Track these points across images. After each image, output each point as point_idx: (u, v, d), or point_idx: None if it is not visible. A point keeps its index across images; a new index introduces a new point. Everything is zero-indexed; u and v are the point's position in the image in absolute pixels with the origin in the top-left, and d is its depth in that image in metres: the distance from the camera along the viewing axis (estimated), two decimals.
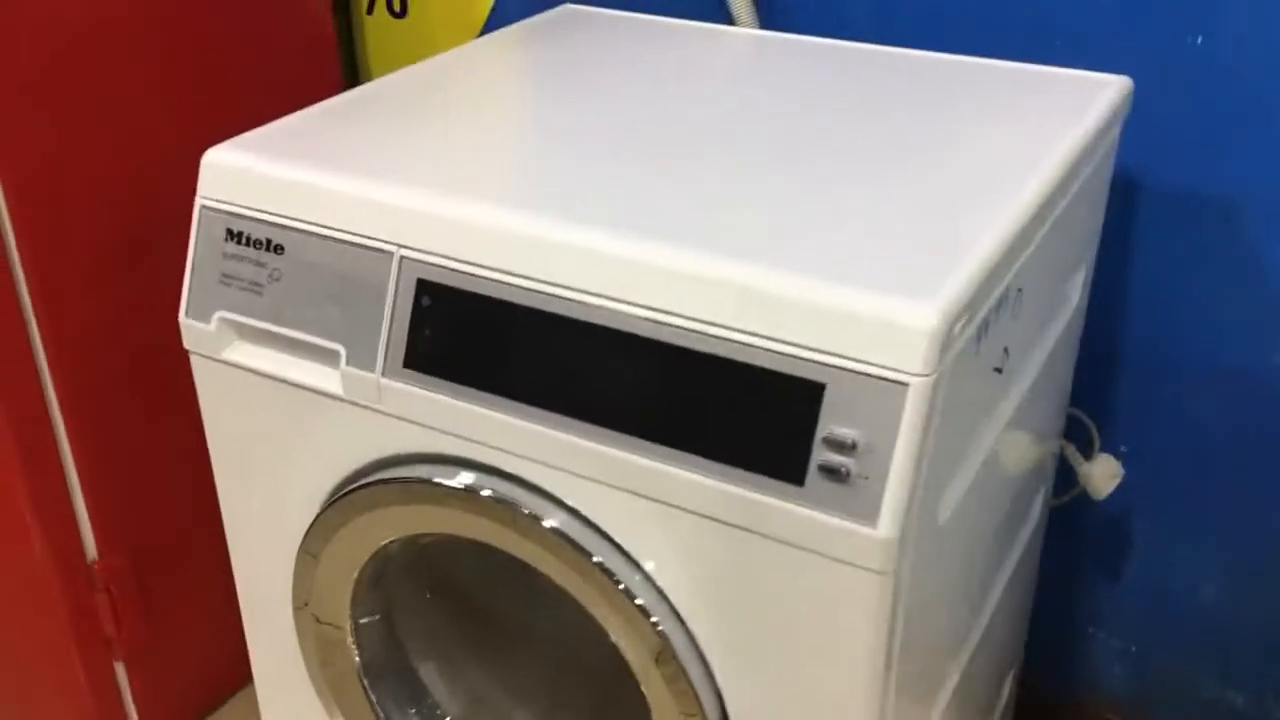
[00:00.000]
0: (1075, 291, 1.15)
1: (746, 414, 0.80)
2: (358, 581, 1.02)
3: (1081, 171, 1.02)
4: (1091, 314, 1.34)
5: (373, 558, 1.00)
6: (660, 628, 0.88)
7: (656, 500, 0.85)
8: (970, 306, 0.79)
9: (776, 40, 1.27)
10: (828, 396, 0.78)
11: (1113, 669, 1.54)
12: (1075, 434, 1.37)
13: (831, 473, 0.78)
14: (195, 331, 1.00)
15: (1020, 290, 0.92)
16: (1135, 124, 1.23)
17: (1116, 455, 1.40)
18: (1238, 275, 1.27)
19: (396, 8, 1.67)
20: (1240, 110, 1.20)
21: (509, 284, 0.87)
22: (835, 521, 0.78)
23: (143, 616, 1.48)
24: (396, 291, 0.91)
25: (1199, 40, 1.19)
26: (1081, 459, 1.31)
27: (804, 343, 0.78)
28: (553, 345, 0.86)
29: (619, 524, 0.88)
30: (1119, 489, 1.42)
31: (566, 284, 0.85)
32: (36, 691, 1.52)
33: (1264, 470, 1.34)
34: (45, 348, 1.30)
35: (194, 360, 1.02)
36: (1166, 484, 1.40)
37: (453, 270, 0.89)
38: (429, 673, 1.08)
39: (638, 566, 0.88)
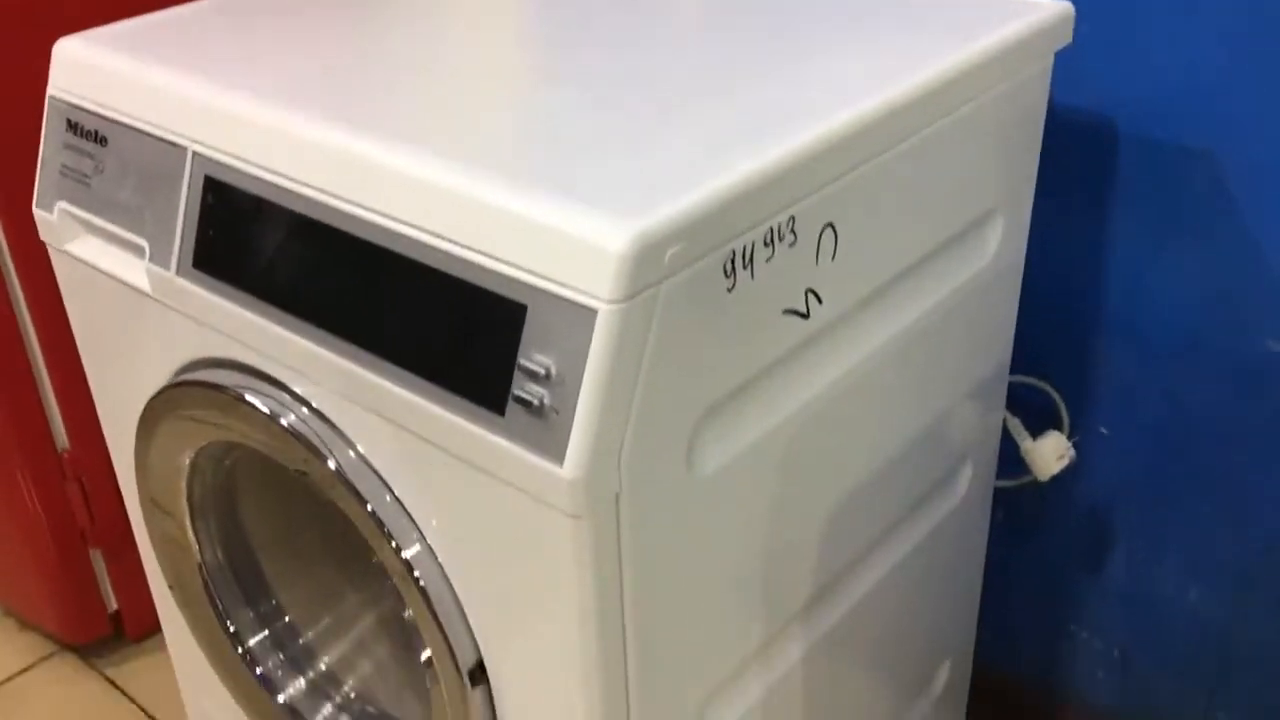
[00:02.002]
0: (989, 243, 1.03)
1: (458, 336, 0.75)
2: (194, 480, 1.02)
3: (960, 102, 0.90)
4: (1066, 281, 1.20)
5: (210, 457, 1.00)
6: (405, 554, 0.85)
7: (386, 418, 0.81)
8: (694, 232, 0.71)
9: None
10: (529, 320, 0.72)
11: (1095, 673, 1.40)
12: (1040, 409, 1.24)
13: (527, 404, 0.72)
14: (44, 222, 1.02)
15: (831, 226, 0.82)
16: (1100, 68, 1.09)
17: (1096, 436, 1.26)
18: (1232, 248, 1.11)
19: None
20: (1231, 61, 1.04)
21: (279, 185, 0.84)
22: (530, 457, 0.73)
23: (116, 506, 1.54)
24: (189, 189, 0.90)
25: None
26: (1026, 434, 1.18)
27: (511, 260, 0.72)
28: (303, 251, 0.83)
29: (363, 436, 0.85)
30: (1100, 475, 1.28)
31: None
32: (16, 582, 1.61)
33: (1257, 469, 1.18)
34: (7, 238, 1.36)
35: (50, 251, 1.05)
36: (1151, 475, 1.25)
37: (236, 170, 0.87)
38: (274, 570, 1.08)
39: (387, 487, 0.85)
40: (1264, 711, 1.28)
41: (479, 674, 0.86)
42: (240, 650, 1.06)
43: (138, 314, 0.98)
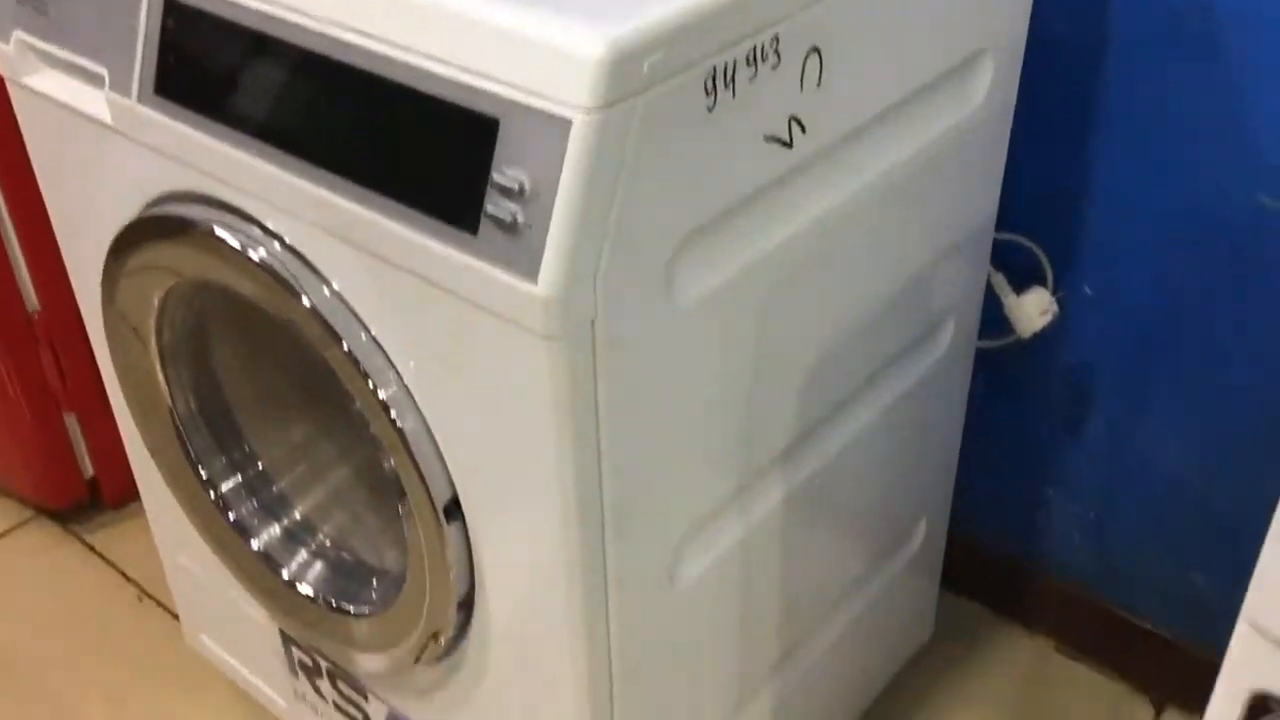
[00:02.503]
0: (979, 86, 1.00)
1: (429, 154, 0.73)
2: (163, 324, 1.00)
3: None
4: (1054, 138, 1.18)
5: (179, 298, 0.98)
6: (381, 394, 0.83)
7: (359, 248, 0.79)
8: (674, 43, 0.68)
9: None
10: (501, 134, 0.69)
11: (1071, 535, 1.41)
12: (1023, 265, 1.22)
13: (500, 221, 0.70)
14: (2, 55, 0.98)
15: (816, 50, 0.79)
16: None
17: (1080, 297, 1.25)
18: (1225, 100, 1.08)
19: None
20: None
21: (240, 3, 0.81)
22: (503, 276, 0.71)
23: (90, 369, 1.51)
24: (148, 11, 0.86)
25: None
26: (1010, 290, 1.17)
27: (482, 71, 0.70)
28: (268, 72, 0.80)
29: (337, 272, 0.83)
30: (1082, 334, 1.27)
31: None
32: None
33: (1242, 328, 1.17)
34: None
35: (9, 89, 1.01)
36: (1134, 333, 1.24)
37: None
38: (246, 417, 1.07)
39: (363, 326, 0.83)
40: (1240, 573, 1.29)
41: (454, 510, 0.85)
42: (213, 496, 1.05)
43: (100, 148, 0.95)
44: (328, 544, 1.05)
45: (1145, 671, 1.40)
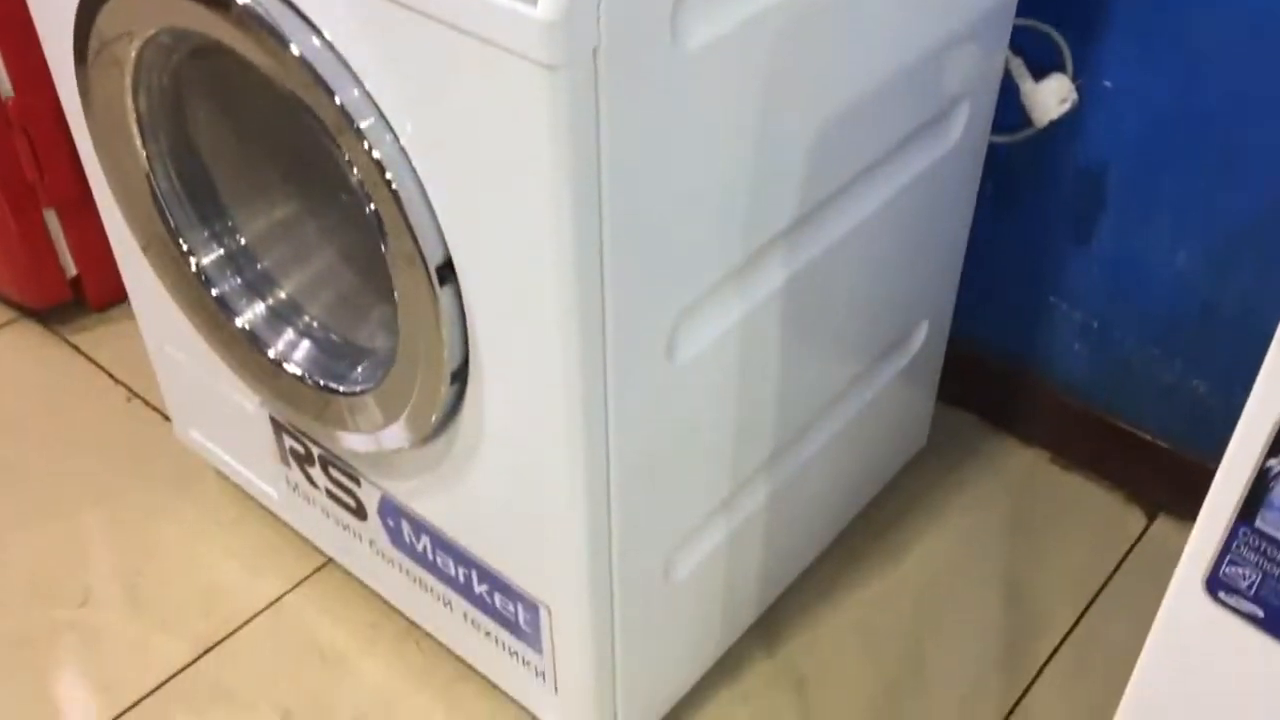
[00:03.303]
0: None
1: None
2: (139, 87, 0.95)
3: None
4: None
5: (157, 53, 0.92)
6: (375, 153, 0.79)
7: None
8: None
9: None
10: None
11: (1071, 345, 1.39)
12: (1041, 54, 1.17)
13: None
14: None
15: None
16: None
17: (1098, 90, 1.20)
18: None
19: None
20: None
21: None
22: (502, 1, 0.66)
23: (68, 163, 1.46)
24: None
25: None
26: (1028, 75, 1.12)
27: None
28: None
29: (325, 17, 0.78)
30: (1096, 132, 1.23)
31: None
32: None
33: (1262, 126, 1.13)
34: None
35: None
36: (1151, 131, 1.20)
37: None
38: (230, 191, 1.02)
39: (356, 80, 0.78)
40: (1242, 377, 1.27)
41: (448, 273, 0.82)
42: (195, 269, 1.02)
43: None
44: (315, 324, 1.02)
45: (1139, 481, 1.40)
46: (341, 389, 0.97)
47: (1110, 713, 0.69)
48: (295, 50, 0.79)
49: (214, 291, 1.02)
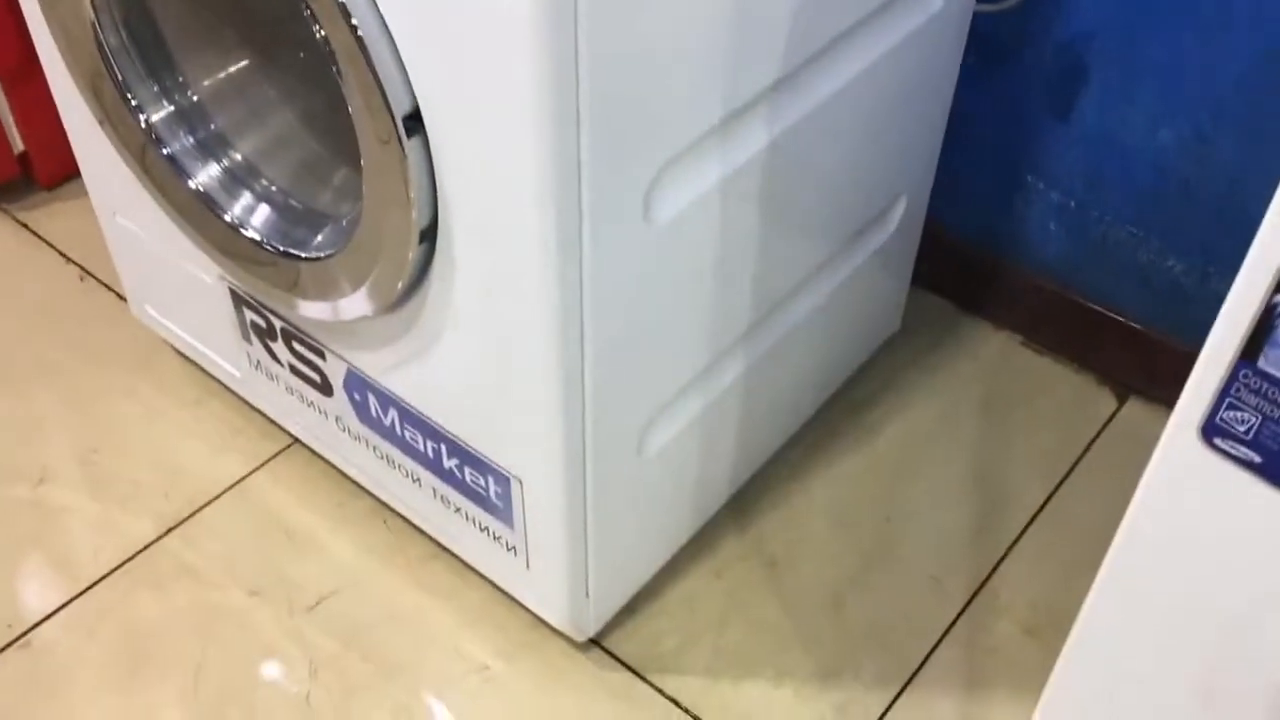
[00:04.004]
0: None
1: None
2: None
3: None
4: None
5: None
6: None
7: None
8: None
9: None
10: None
11: (1047, 225, 1.37)
12: None
13: None
14: None
15: None
16: None
17: None
18: None
19: None
20: None
21: None
22: None
23: (13, 30, 1.39)
24: None
25: None
26: None
27: None
28: None
29: None
30: (1081, 5, 1.19)
31: None
32: None
33: (1247, 11, 1.10)
34: None
35: None
36: (1133, 4, 1.17)
37: None
38: (181, 46, 0.97)
39: None
40: (1219, 257, 1.26)
41: (415, 124, 0.78)
42: (144, 126, 0.97)
43: None
44: (273, 189, 0.98)
45: (1111, 363, 1.40)
46: (303, 255, 0.94)
47: (1079, 587, 0.68)
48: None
49: (165, 151, 0.97)
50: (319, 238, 0.94)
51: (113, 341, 1.38)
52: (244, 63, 0.99)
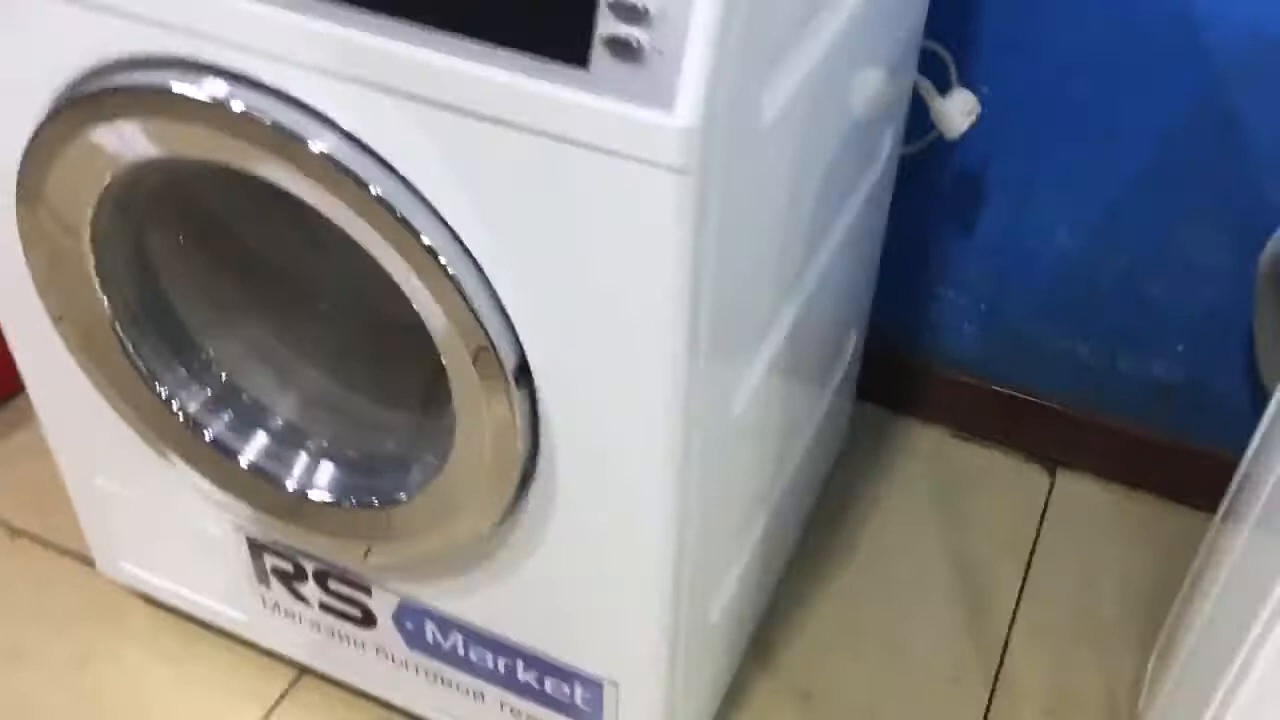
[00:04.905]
0: None
1: None
2: (96, 222, 0.86)
3: None
4: None
5: (112, 194, 0.84)
6: (451, 271, 0.75)
7: (418, 98, 0.70)
8: None
9: None
10: None
11: (961, 327, 1.49)
12: (930, 71, 1.25)
13: (620, 46, 0.64)
14: None
15: None
16: None
17: (979, 96, 1.29)
18: None
19: None
20: None
21: None
22: (625, 109, 0.65)
23: None
24: None
25: None
26: (936, 94, 1.19)
27: None
28: None
29: (385, 131, 0.74)
30: (977, 134, 1.32)
31: None
32: None
33: (1129, 108, 1.25)
34: None
35: None
36: (1027, 126, 1.31)
37: None
38: (197, 324, 0.95)
39: (408, 187, 0.75)
40: (1125, 339, 1.41)
41: (523, 374, 0.80)
42: (181, 416, 0.93)
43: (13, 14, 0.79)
44: (325, 444, 0.96)
45: (1037, 440, 1.53)
46: (376, 502, 0.93)
47: (1080, 662, 0.75)
48: (317, 147, 0.74)
49: (208, 436, 0.94)
50: (391, 481, 0.93)
51: (69, 602, 1.29)
52: (260, 325, 0.98)
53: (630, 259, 0.72)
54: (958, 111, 1.19)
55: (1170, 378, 1.41)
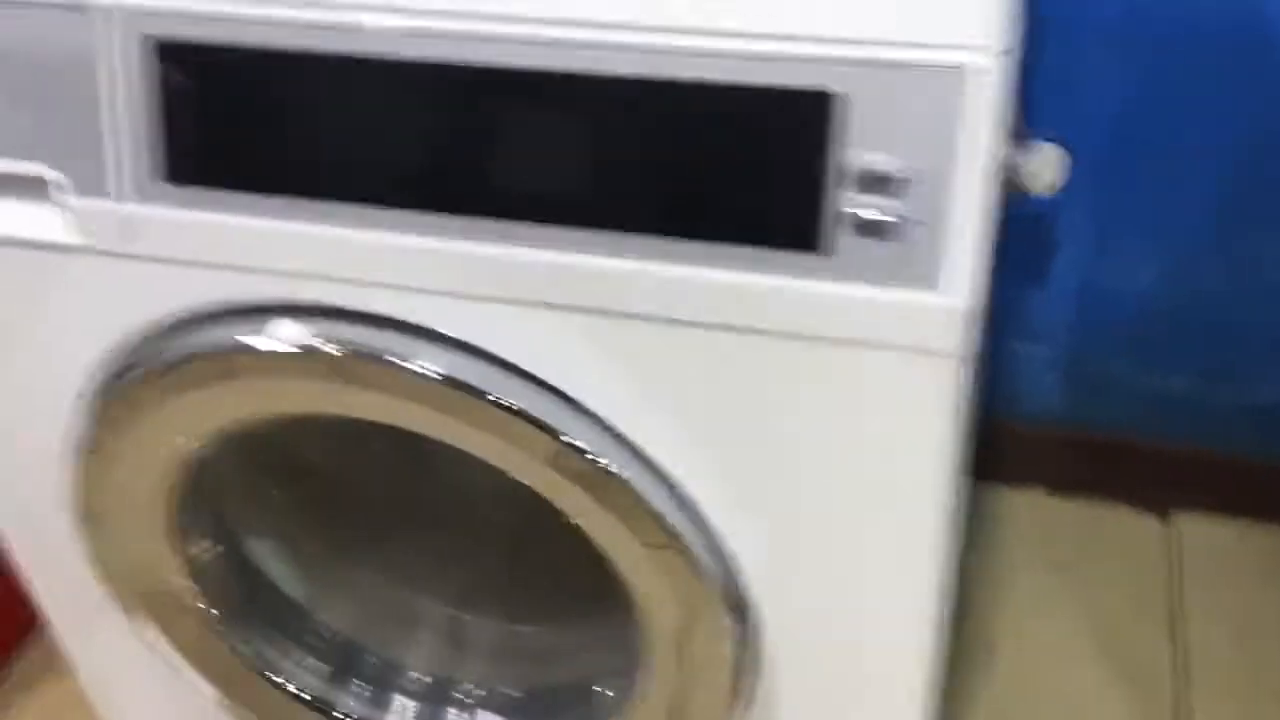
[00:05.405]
0: None
1: (721, 161, 0.53)
2: (170, 506, 0.72)
3: None
4: None
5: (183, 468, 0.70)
6: (667, 522, 0.62)
7: (594, 311, 0.58)
8: None
9: None
10: (843, 108, 0.51)
11: (1042, 379, 1.40)
12: None
13: (862, 224, 0.52)
14: None
15: None
16: None
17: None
18: None
19: None
20: None
21: (298, 24, 0.55)
22: (876, 294, 0.53)
23: None
24: (117, 65, 0.58)
25: None
26: (1015, 154, 1.09)
27: (805, 33, 0.51)
28: (399, 108, 0.56)
29: (542, 355, 0.61)
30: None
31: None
32: None
33: (1193, 135, 1.17)
34: None
35: None
36: (1089, 167, 1.22)
37: (198, 14, 0.56)
38: (299, 590, 0.80)
39: (597, 419, 0.61)
40: (1220, 369, 1.32)
41: (742, 610, 0.67)
42: (310, 699, 0.78)
43: (41, 284, 0.65)
44: (474, 688, 0.82)
45: (1140, 486, 1.43)
46: None
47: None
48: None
49: (341, 714, 0.79)
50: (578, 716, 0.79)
51: None
52: (371, 566, 0.83)
53: (881, 453, 0.59)
54: (1048, 167, 1.09)
55: (1271, 401, 1.33)
